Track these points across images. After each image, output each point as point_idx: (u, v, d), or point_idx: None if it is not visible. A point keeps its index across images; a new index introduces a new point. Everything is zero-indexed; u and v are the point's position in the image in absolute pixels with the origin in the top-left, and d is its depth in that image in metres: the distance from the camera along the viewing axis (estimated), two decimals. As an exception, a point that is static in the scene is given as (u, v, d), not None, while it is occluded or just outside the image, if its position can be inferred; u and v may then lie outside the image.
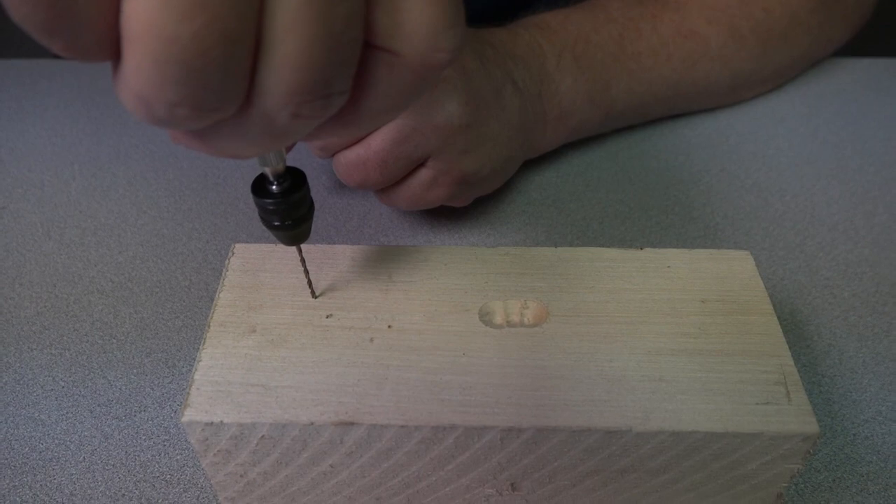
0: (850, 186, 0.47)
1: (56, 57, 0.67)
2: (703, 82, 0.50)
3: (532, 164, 0.48)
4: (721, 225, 0.45)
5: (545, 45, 0.45)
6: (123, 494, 0.33)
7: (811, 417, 0.26)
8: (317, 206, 0.46)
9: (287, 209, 0.27)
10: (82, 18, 0.16)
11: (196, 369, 0.28)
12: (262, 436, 0.27)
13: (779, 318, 0.38)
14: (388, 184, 0.39)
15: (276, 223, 0.28)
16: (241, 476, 0.29)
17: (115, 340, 0.39)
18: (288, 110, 0.19)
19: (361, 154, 0.37)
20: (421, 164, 0.38)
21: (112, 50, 0.17)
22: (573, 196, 0.47)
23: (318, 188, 0.47)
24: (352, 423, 0.27)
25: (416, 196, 0.39)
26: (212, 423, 0.27)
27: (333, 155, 0.38)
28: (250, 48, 0.17)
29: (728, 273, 0.32)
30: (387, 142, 0.36)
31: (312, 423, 0.27)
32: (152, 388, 0.37)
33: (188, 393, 0.27)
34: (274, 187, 0.27)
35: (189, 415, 0.27)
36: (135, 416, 0.36)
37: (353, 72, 0.19)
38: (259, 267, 0.32)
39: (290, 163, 0.27)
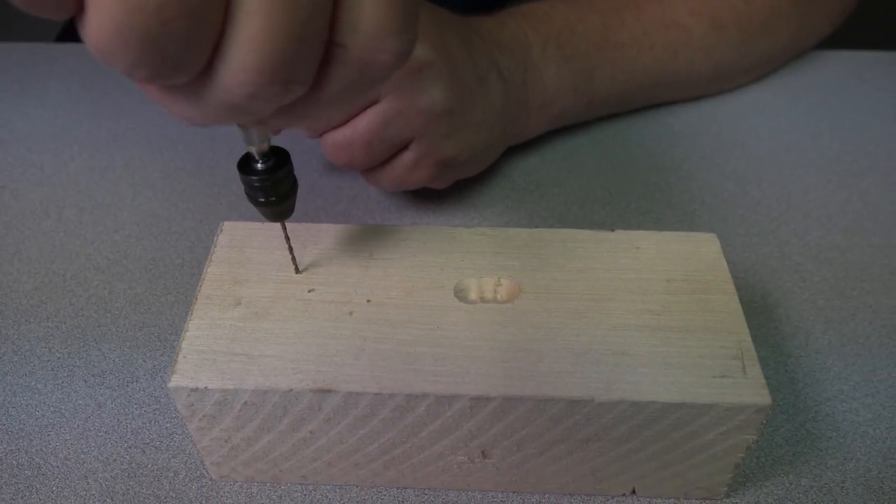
0: (826, 175, 0.48)
1: (57, 41, 0.69)
2: (685, 72, 0.51)
3: (517, 149, 0.49)
4: (698, 211, 0.46)
5: (531, 34, 0.46)
6: (115, 459, 0.34)
7: (764, 390, 0.28)
8: (307, 188, 0.47)
9: (271, 186, 0.29)
10: None
11: (183, 339, 0.30)
12: (245, 401, 0.29)
13: (749, 300, 0.40)
14: (373, 164, 0.40)
15: (260, 199, 0.29)
16: (226, 441, 0.31)
17: (109, 314, 0.40)
18: (246, 90, 0.20)
19: (348, 135, 0.38)
20: (404, 147, 0.40)
21: (75, 6, 0.18)
22: (556, 181, 0.48)
23: (309, 171, 0.49)
24: (329, 391, 0.28)
25: (399, 177, 0.41)
26: (197, 389, 0.28)
27: (322, 135, 0.39)
28: (215, 25, 0.18)
29: (694, 254, 0.33)
30: (372, 124, 0.38)
31: (292, 390, 0.28)
32: (144, 360, 0.38)
33: (175, 360, 0.29)
34: (259, 165, 0.28)
35: (175, 380, 0.28)
36: (127, 386, 0.37)
37: (316, 64, 0.20)
38: (246, 244, 0.34)
39: (283, 143, 0.28)
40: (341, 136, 0.39)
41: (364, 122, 0.38)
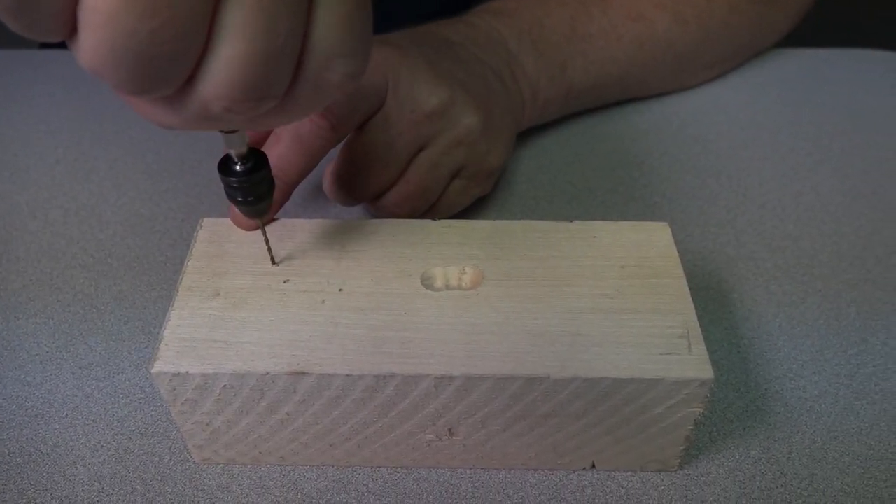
0: (782, 169, 0.51)
1: (42, 47, 0.70)
2: (651, 64, 0.53)
3: (488, 147, 0.51)
4: (660, 203, 0.48)
5: (503, 30, 0.48)
6: (102, 446, 0.36)
7: (707, 365, 0.30)
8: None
9: (249, 187, 0.31)
10: (45, 4, 0.19)
11: (165, 328, 0.32)
12: (224, 385, 0.31)
13: (706, 286, 0.42)
14: (431, 204, 0.42)
15: (239, 199, 0.31)
16: (207, 425, 0.33)
17: (95, 310, 0.42)
18: (222, 104, 0.22)
19: (404, 190, 0.40)
20: (453, 176, 0.42)
21: (68, 31, 0.20)
22: (525, 177, 0.50)
23: (287, 171, 0.50)
24: (303, 373, 0.30)
25: (454, 203, 0.43)
26: (178, 374, 0.30)
27: (374, 201, 0.42)
28: (200, 46, 0.20)
29: (647, 242, 0.35)
30: (423, 170, 0.40)
31: (268, 373, 0.30)
32: (129, 353, 0.40)
33: (157, 348, 0.31)
34: (237, 167, 0.30)
35: (158, 366, 0.30)
36: (113, 377, 0.39)
37: (288, 81, 0.22)
38: (224, 238, 0.36)
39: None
40: (398, 195, 0.41)
41: (415, 175, 0.40)
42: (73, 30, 0.20)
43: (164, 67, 0.20)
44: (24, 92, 0.59)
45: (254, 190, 0.31)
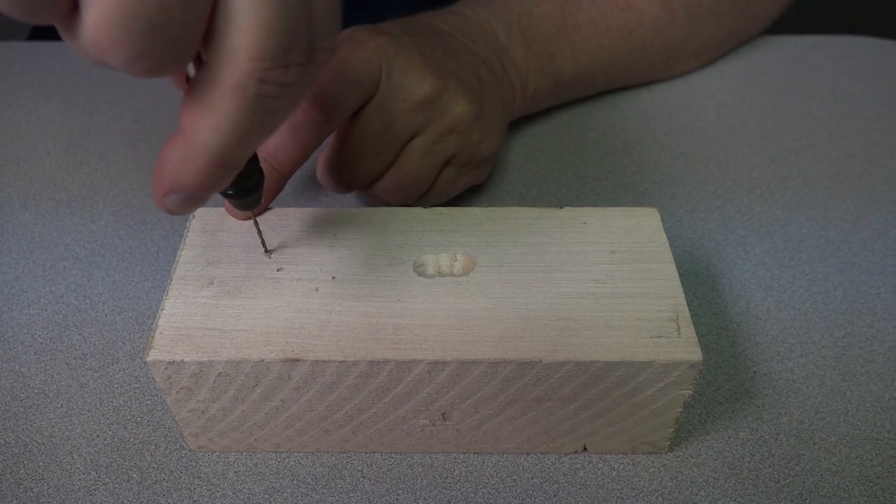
0: (770, 154, 0.51)
1: (29, 39, 0.70)
2: (639, 52, 0.53)
3: (478, 136, 0.52)
4: (649, 190, 0.49)
5: (493, 21, 0.48)
6: (98, 435, 0.36)
7: (696, 348, 0.30)
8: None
9: (239, 181, 0.31)
10: None
11: (159, 316, 0.32)
12: (219, 373, 0.31)
13: (695, 271, 0.43)
14: (423, 191, 0.43)
15: (229, 192, 0.31)
16: (202, 412, 0.33)
17: (88, 301, 0.42)
18: (254, 77, 0.21)
19: (396, 178, 0.41)
20: (445, 164, 0.42)
21: (66, 8, 0.19)
22: (516, 165, 0.51)
23: (278, 161, 0.51)
24: (297, 360, 0.30)
25: (445, 191, 0.44)
26: (173, 362, 0.30)
27: (366, 189, 0.42)
28: (207, 10, 0.20)
29: (636, 227, 0.36)
30: (414, 157, 0.40)
31: (262, 360, 0.30)
32: (123, 343, 0.40)
33: (152, 336, 0.31)
34: None
35: (153, 355, 0.30)
36: (108, 367, 0.39)
37: (307, 46, 0.22)
38: (217, 228, 0.36)
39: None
40: (390, 182, 0.41)
41: (407, 162, 0.40)
42: (71, 7, 0.19)
43: (175, 36, 0.20)
44: (12, 84, 0.58)
45: (242, 183, 0.31)
